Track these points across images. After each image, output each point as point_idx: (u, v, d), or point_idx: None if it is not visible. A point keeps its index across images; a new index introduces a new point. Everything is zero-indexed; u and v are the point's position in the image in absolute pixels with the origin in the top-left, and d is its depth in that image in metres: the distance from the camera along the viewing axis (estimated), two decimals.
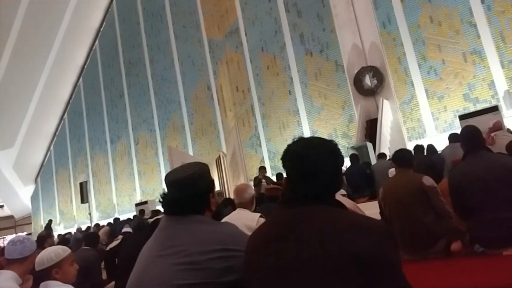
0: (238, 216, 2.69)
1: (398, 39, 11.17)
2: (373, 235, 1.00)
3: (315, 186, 1.11)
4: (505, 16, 9.59)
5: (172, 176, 1.48)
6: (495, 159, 2.93)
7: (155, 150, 17.47)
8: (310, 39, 12.88)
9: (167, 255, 1.34)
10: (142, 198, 17.15)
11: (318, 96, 12.69)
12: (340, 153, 1.18)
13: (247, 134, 14.22)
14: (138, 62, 18.37)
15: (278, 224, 1.15)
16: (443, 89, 10.47)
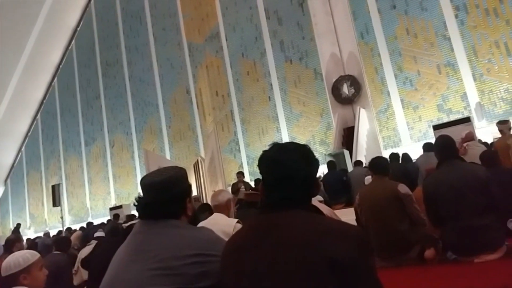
0: (214, 221, 2.66)
1: (376, 49, 11.42)
2: (348, 239, 1.00)
3: (290, 191, 1.10)
4: (477, 31, 9.97)
5: (148, 180, 1.45)
6: (468, 169, 3.03)
7: (131, 153, 17.16)
8: (290, 47, 13.01)
9: (141, 260, 1.30)
10: (116, 202, 16.79)
11: (297, 103, 12.80)
12: (314, 158, 1.17)
13: (226, 139, 14.17)
14: (115, 63, 18.06)
15: (254, 230, 1.14)
16: (418, 100, 10.75)
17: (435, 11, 10.52)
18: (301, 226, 1.04)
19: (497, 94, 9.68)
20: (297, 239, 1.01)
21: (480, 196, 2.87)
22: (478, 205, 2.88)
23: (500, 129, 5.83)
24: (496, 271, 2.78)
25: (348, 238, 1.00)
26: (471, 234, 2.90)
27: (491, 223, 2.87)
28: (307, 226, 1.03)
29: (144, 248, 1.33)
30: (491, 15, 9.79)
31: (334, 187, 7.23)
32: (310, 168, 1.14)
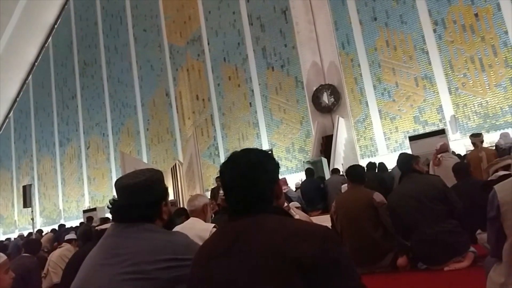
0: (190, 226, 2.62)
1: (356, 60, 11.62)
2: (314, 238, 0.98)
3: (251, 196, 1.10)
4: (454, 46, 10.29)
5: (123, 182, 1.41)
6: (425, 180, 3.26)
7: (107, 155, 16.83)
8: (272, 54, 13.09)
9: (113, 263, 1.27)
10: (90, 204, 16.41)
11: (278, 110, 12.86)
12: (273, 161, 1.18)
13: (206, 144, 14.08)
14: (93, 63, 17.73)
15: (222, 237, 1.13)
16: (395, 111, 10.98)
17: (415, 25, 10.81)
18: (267, 230, 1.03)
19: (471, 108, 10.00)
20: (263, 244, 1.00)
21: (439, 204, 3.06)
22: (438, 213, 3.06)
23: (473, 142, 6.01)
24: (465, 280, 2.84)
25: (314, 237, 0.99)
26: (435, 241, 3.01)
27: (453, 228, 2.99)
28: (273, 230, 1.02)
29: (116, 252, 1.30)
30: (467, 31, 10.13)
31: (311, 194, 7.28)
32: (269, 172, 1.14)
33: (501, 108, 9.62)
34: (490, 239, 2.05)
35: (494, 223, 1.95)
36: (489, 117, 9.75)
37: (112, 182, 15.69)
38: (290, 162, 12.48)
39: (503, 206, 1.88)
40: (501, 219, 1.89)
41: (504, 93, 9.59)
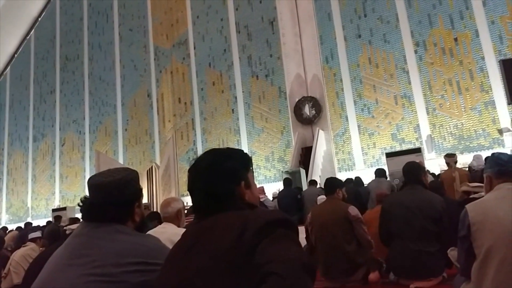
0: (163, 230, 2.57)
1: (338, 75, 11.80)
2: (258, 222, 0.98)
3: (212, 196, 1.11)
4: (433, 68, 10.60)
5: (96, 180, 1.37)
6: (426, 196, 3.15)
7: (81, 154, 16.44)
8: (257, 63, 13.16)
9: (78, 264, 1.22)
10: (61, 203, 15.95)
11: (260, 118, 12.90)
12: (236, 160, 1.17)
13: (185, 148, 13.95)
14: (75, 58, 17.39)
15: (184, 239, 1.13)
16: (374, 127, 11.18)
17: (397, 45, 11.09)
18: (222, 227, 1.02)
19: (447, 129, 10.28)
20: (217, 242, 1.00)
21: (432, 224, 3.00)
22: (427, 232, 3.00)
23: (447, 162, 6.17)
24: None
25: (258, 221, 0.98)
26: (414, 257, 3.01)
27: (436, 252, 2.97)
28: (227, 227, 1.01)
29: (83, 252, 1.25)
30: (447, 54, 10.46)
31: (287, 204, 7.27)
32: (229, 171, 1.14)
33: (475, 130, 9.93)
34: (460, 258, 2.08)
35: (464, 242, 1.98)
36: (463, 138, 10.04)
37: (85, 181, 15.30)
38: (269, 171, 12.49)
39: (473, 226, 1.91)
40: (471, 238, 1.93)
41: (479, 117, 9.92)
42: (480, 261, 1.86)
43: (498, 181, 1.98)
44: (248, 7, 13.58)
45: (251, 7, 13.54)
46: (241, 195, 1.13)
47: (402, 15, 11.08)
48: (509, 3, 9.85)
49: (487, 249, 1.84)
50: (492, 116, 9.76)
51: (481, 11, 10.11)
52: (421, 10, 10.85)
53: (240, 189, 1.13)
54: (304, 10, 12.25)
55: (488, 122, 9.81)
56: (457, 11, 10.41)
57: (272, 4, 12.91)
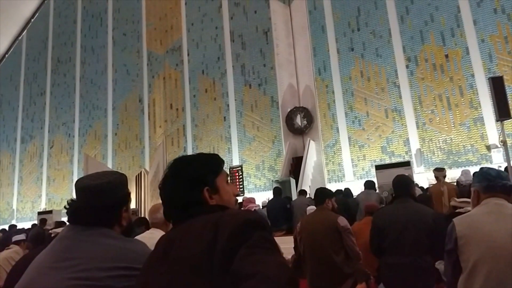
0: (150, 235, 2.53)
1: (330, 86, 11.90)
2: (230, 224, 0.96)
3: (179, 201, 1.11)
4: (424, 83, 10.76)
5: (83, 182, 1.35)
6: (416, 208, 3.13)
7: (70, 157, 16.24)
8: (251, 72, 13.22)
9: (62, 267, 1.19)
10: (47, 206, 15.71)
11: (251, 127, 12.91)
12: (200, 163, 1.17)
13: (175, 154, 13.86)
14: (67, 61, 17.28)
15: (160, 246, 1.11)
16: (364, 139, 11.27)
17: (389, 59, 11.24)
18: (194, 233, 1.01)
19: (436, 144, 10.40)
20: (189, 248, 0.99)
21: (424, 237, 2.95)
22: (420, 245, 2.95)
23: (436, 176, 6.22)
24: None
25: (231, 222, 0.96)
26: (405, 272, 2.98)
27: (428, 266, 2.94)
28: (197, 231, 1.01)
29: (68, 255, 1.22)
30: (437, 70, 10.64)
31: (277, 213, 7.27)
32: (193, 175, 1.13)
33: (464, 146, 10.06)
34: (447, 271, 2.09)
35: (451, 255, 1.99)
36: (452, 153, 10.16)
37: (72, 185, 15.06)
38: (259, 180, 12.47)
39: (460, 240, 1.93)
40: (458, 252, 1.94)
41: (468, 132, 10.06)
42: (467, 274, 1.87)
43: (485, 195, 2.00)
44: (243, 17, 13.68)
45: (246, 17, 13.64)
46: (206, 201, 1.12)
47: (395, 30, 11.26)
48: (499, 22, 10.08)
49: (473, 263, 1.85)
50: (481, 132, 9.91)
51: (472, 29, 10.32)
52: (414, 26, 11.04)
53: (203, 196, 1.12)
54: (298, 22, 12.38)
55: (476, 138, 9.96)
56: (449, 28, 10.62)
57: (267, 14, 13.02)
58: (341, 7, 12.11)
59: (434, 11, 10.81)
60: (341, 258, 3.40)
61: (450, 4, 10.64)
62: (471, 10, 10.38)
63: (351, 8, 11.94)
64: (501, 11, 10.08)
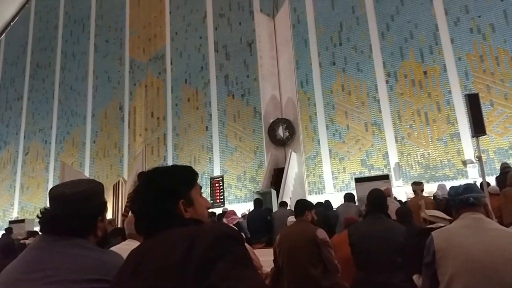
0: (126, 247, 2.45)
1: (312, 99, 12.04)
2: (208, 236, 0.95)
3: (150, 214, 1.09)
4: (403, 98, 11.00)
5: (58, 190, 1.31)
6: (389, 226, 3.16)
7: (45, 164, 15.82)
8: (234, 82, 13.25)
9: (33, 279, 1.15)
10: (19, 215, 15.18)
11: (233, 137, 12.89)
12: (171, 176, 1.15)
13: (154, 163, 13.67)
14: (47, 66, 16.95)
15: (129, 260, 1.08)
16: (345, 152, 11.39)
17: (369, 74, 11.47)
18: (165, 246, 0.99)
19: (414, 158, 10.61)
20: (164, 260, 0.96)
21: (396, 256, 2.98)
22: (393, 262, 2.98)
23: (414, 189, 6.33)
24: None
25: (205, 239, 0.95)
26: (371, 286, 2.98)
27: (400, 282, 2.95)
28: (170, 245, 0.98)
29: (39, 266, 1.18)
30: (416, 86, 10.91)
31: (257, 225, 7.22)
32: (164, 187, 1.11)
33: (441, 161, 10.29)
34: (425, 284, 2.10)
35: (429, 268, 2.01)
36: (429, 168, 10.37)
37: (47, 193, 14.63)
38: (240, 190, 12.41)
39: (438, 253, 1.94)
40: (435, 265, 1.96)
41: (445, 148, 10.30)
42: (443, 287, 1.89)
43: (462, 210, 2.04)
44: (228, 28, 13.76)
45: (230, 28, 13.72)
46: (180, 214, 1.10)
47: (376, 46, 11.52)
48: (474, 41, 10.45)
49: (450, 276, 1.87)
50: (457, 148, 10.17)
51: (449, 47, 10.66)
52: (394, 42, 11.33)
53: (178, 209, 1.10)
54: (282, 35, 12.52)
55: (453, 153, 10.21)
56: (427, 46, 10.94)
57: (251, 26, 13.14)
58: (324, 22, 12.34)
59: (414, 28, 11.13)
60: (319, 271, 3.38)
61: (428, 22, 10.99)
62: (449, 29, 10.73)
63: (334, 23, 12.18)
64: (477, 30, 10.46)
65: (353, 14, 11.97)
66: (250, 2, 13.51)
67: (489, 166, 9.35)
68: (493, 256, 1.82)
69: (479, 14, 10.49)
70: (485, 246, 1.85)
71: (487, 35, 10.33)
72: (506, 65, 10.02)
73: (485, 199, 2.12)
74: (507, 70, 9.99)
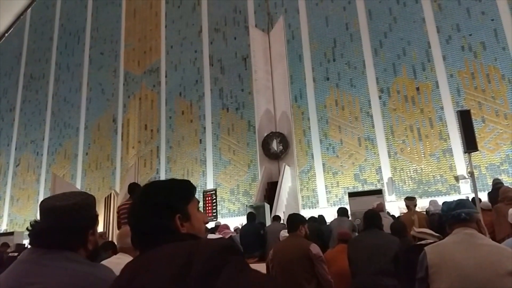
0: (117, 261, 2.42)
1: (306, 113, 12.11)
2: (207, 250, 0.95)
3: (147, 228, 1.07)
4: (396, 113, 11.11)
5: (49, 203, 1.29)
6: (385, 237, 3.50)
7: (37, 176, 15.64)
8: (229, 96, 13.31)
9: None
10: (8, 227, 14.92)
11: (227, 150, 12.87)
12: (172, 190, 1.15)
13: (147, 176, 13.59)
14: (41, 78, 16.92)
15: (124, 275, 1.06)
16: (338, 166, 11.42)
17: (363, 89, 11.59)
18: (163, 260, 0.98)
19: (407, 173, 10.65)
20: (160, 274, 0.95)
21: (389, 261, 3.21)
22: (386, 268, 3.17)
23: (407, 204, 6.34)
24: None
25: (204, 254, 0.94)
26: None
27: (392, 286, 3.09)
28: (170, 258, 0.97)
29: (27, 280, 1.16)
30: (409, 102, 11.03)
31: (250, 239, 7.14)
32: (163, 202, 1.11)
33: (433, 176, 10.35)
34: None
35: (422, 284, 2.01)
36: (422, 183, 10.42)
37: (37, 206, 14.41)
38: (233, 204, 12.34)
39: (431, 268, 1.95)
40: (428, 280, 1.96)
41: (437, 163, 10.37)
42: None
43: (454, 226, 2.05)
44: (223, 42, 13.89)
45: (225, 43, 13.85)
46: (176, 229, 1.09)
47: (369, 62, 11.68)
48: (466, 59, 10.64)
49: None
50: (450, 163, 10.24)
51: (441, 64, 10.84)
52: (387, 59, 11.49)
53: (175, 223, 1.09)
54: (276, 50, 12.64)
55: (445, 168, 10.27)
56: (420, 62, 11.11)
57: (246, 41, 13.27)
58: (318, 38, 12.50)
59: (407, 45, 11.32)
60: (313, 286, 3.36)
61: (421, 39, 11.18)
62: (441, 47, 10.93)
63: (328, 39, 12.35)
64: (468, 48, 10.66)
65: (347, 31, 12.16)
66: (246, 17, 13.68)
67: (481, 181, 9.42)
68: (485, 272, 1.82)
69: (470, 32, 10.70)
70: (478, 262, 1.85)
71: (478, 53, 10.53)
72: (497, 82, 10.19)
73: (477, 214, 2.13)
74: (498, 88, 10.16)
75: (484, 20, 10.60)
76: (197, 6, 14.58)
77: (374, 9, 11.93)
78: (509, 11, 10.39)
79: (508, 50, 10.21)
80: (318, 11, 12.68)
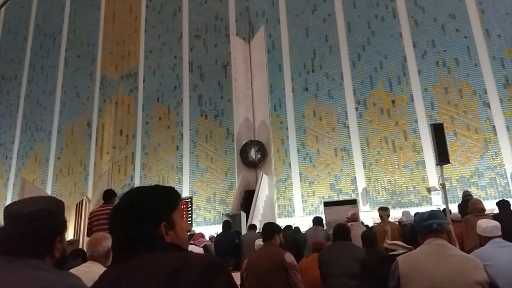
0: (87, 269, 2.36)
1: (285, 123, 12.19)
2: (194, 270, 0.94)
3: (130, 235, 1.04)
4: (372, 125, 11.32)
5: (15, 208, 1.24)
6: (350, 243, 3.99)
7: (5, 180, 15.08)
8: (208, 103, 13.25)
9: None
10: None
11: (205, 158, 12.78)
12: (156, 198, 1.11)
13: (121, 182, 13.31)
14: (13, 78, 16.40)
15: (103, 282, 1.02)
16: (314, 176, 11.51)
17: (340, 101, 11.78)
18: (147, 269, 0.96)
19: (381, 184, 10.84)
20: (143, 284, 0.93)
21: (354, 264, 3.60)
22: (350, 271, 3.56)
23: (380, 215, 6.44)
24: None
25: (192, 270, 0.94)
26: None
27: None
28: (154, 268, 0.96)
29: None
30: (384, 114, 11.27)
31: (225, 248, 7.08)
32: (148, 210, 1.08)
33: (406, 187, 10.57)
34: None
35: None
36: (396, 194, 10.62)
37: None
38: (209, 212, 12.22)
39: (403, 278, 1.97)
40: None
41: (410, 175, 10.60)
42: None
43: (426, 236, 2.09)
44: (203, 49, 13.86)
45: (206, 49, 13.83)
46: (161, 237, 1.06)
47: (347, 74, 11.89)
48: (440, 74, 10.98)
49: None
50: (422, 175, 10.49)
51: (417, 79, 11.15)
52: (364, 71, 11.73)
53: (160, 231, 1.06)
54: (256, 59, 12.73)
55: (418, 180, 10.52)
56: (396, 76, 11.39)
57: (226, 49, 13.28)
58: (298, 48, 12.66)
59: (383, 59, 11.60)
60: None
61: (397, 54, 11.49)
62: (416, 61, 11.25)
63: (307, 50, 12.52)
64: (442, 64, 11.02)
65: (326, 43, 12.36)
66: (227, 25, 13.72)
67: (452, 193, 9.67)
68: (455, 282, 1.86)
69: (444, 48, 11.06)
70: (447, 272, 1.89)
71: (452, 69, 10.89)
72: (469, 97, 10.55)
73: (449, 226, 2.19)
74: (470, 103, 10.52)
75: (458, 37, 11.00)
76: (178, 12, 14.52)
77: (353, 22, 12.19)
78: (481, 29, 10.82)
79: (480, 66, 10.60)
80: (298, 22, 12.85)
